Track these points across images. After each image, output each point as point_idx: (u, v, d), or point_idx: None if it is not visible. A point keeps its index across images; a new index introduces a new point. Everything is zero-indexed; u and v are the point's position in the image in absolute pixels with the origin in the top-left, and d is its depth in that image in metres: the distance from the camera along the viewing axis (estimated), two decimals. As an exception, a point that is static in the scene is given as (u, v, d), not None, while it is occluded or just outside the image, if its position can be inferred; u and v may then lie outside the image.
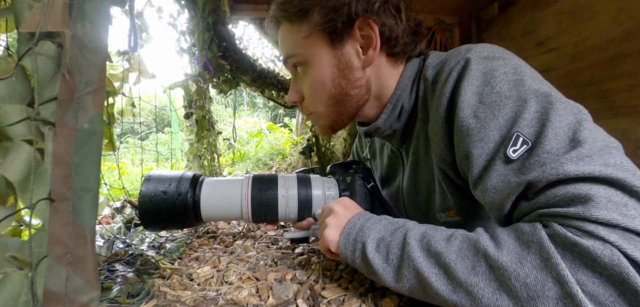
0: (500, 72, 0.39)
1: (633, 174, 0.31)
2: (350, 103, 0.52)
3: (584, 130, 0.34)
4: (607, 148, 0.33)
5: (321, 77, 0.51)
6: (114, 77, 0.71)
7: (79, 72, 0.31)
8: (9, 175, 0.29)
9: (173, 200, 0.54)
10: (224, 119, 3.73)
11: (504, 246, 0.33)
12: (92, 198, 0.32)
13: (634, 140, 1.17)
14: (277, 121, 5.07)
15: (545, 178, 0.33)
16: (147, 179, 0.56)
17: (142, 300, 0.47)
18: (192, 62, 1.34)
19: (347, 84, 0.51)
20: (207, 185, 0.57)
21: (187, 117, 1.32)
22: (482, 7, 1.76)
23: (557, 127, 0.35)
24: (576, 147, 0.33)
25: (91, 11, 0.32)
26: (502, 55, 0.42)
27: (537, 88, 0.38)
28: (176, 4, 1.30)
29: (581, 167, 0.32)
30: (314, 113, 0.55)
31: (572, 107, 0.36)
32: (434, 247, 0.36)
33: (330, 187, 0.59)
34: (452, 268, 0.34)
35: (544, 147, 0.34)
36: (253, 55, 1.74)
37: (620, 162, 0.32)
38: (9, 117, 0.30)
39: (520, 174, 0.35)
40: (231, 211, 0.57)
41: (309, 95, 0.54)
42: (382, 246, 0.41)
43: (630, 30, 1.15)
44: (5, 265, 0.28)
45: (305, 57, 0.51)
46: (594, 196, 0.30)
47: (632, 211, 0.29)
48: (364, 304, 0.44)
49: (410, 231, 0.39)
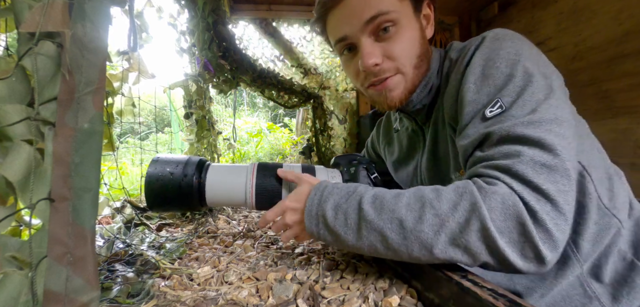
0: (504, 52, 0.47)
1: (567, 145, 0.40)
2: (424, 66, 0.58)
3: (546, 105, 0.42)
4: (556, 120, 0.41)
5: (413, 36, 0.55)
6: (113, 77, 0.71)
7: (79, 72, 0.31)
8: (9, 175, 0.29)
9: (179, 181, 0.55)
10: (224, 119, 3.72)
11: (443, 196, 0.40)
12: (92, 198, 0.32)
13: (634, 140, 1.17)
14: (277, 121, 5.07)
15: (497, 133, 0.43)
16: (154, 161, 0.57)
17: (142, 300, 0.47)
18: (192, 62, 1.34)
19: (425, 46, 0.58)
20: (213, 169, 0.59)
21: (187, 117, 1.32)
22: (482, 7, 1.76)
23: (526, 99, 0.43)
24: (532, 115, 0.41)
25: (91, 11, 0.32)
26: (512, 37, 0.49)
27: (527, 68, 0.45)
28: (176, 4, 1.30)
29: (525, 130, 0.40)
30: (392, 79, 0.56)
31: (547, 88, 0.44)
32: (386, 205, 0.42)
33: (334, 177, 0.59)
34: (403, 220, 0.40)
35: (510, 112, 0.43)
36: (253, 55, 1.74)
37: (562, 133, 0.40)
38: (9, 117, 0.30)
39: (485, 127, 0.45)
40: (235, 197, 0.58)
41: (399, 55, 0.55)
42: (340, 213, 0.45)
43: (630, 30, 1.15)
44: (5, 265, 0.28)
45: (399, 16, 0.53)
46: (523, 153, 0.39)
47: (545, 172, 0.38)
48: (364, 304, 0.44)
49: (363, 196, 0.45)
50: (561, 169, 0.38)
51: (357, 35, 0.54)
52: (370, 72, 0.55)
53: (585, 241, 0.48)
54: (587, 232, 0.48)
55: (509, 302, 0.35)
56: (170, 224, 0.93)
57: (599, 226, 0.49)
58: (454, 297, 0.40)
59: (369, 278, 0.51)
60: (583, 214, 0.48)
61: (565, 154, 0.39)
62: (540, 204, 0.37)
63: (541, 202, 0.37)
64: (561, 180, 0.38)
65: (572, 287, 0.49)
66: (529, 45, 0.49)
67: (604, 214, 0.49)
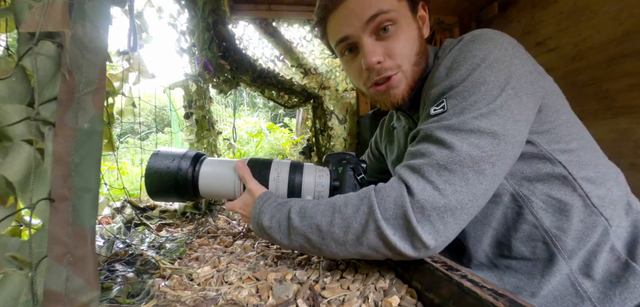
0: (471, 54, 0.48)
1: (483, 156, 0.43)
2: (422, 63, 0.59)
3: (486, 118, 0.44)
4: (490, 133, 0.43)
5: (411, 34, 0.56)
6: (113, 77, 0.71)
7: (79, 72, 0.31)
8: (9, 175, 0.29)
9: (175, 174, 0.61)
10: (224, 119, 3.72)
11: (349, 202, 0.47)
12: (92, 198, 0.32)
13: (634, 140, 1.17)
14: (277, 121, 5.07)
15: (423, 131, 0.47)
16: (154, 154, 0.63)
17: (142, 300, 0.47)
18: (192, 62, 1.34)
19: (423, 44, 0.59)
20: (207, 164, 0.63)
21: (187, 117, 1.32)
22: (482, 7, 1.76)
23: (467, 105, 0.45)
24: (462, 121, 0.44)
25: (91, 11, 0.32)
26: (487, 40, 0.50)
27: (483, 75, 0.46)
28: (176, 4, 1.30)
29: (445, 133, 0.44)
30: (396, 77, 0.57)
31: (496, 99, 0.45)
32: (307, 213, 0.49)
33: (322, 175, 0.61)
34: (319, 225, 0.47)
35: (447, 114, 0.46)
36: (253, 55, 1.74)
37: (483, 145, 0.43)
38: (9, 117, 0.30)
39: (422, 124, 0.49)
40: (225, 190, 0.63)
41: (399, 53, 0.56)
42: (274, 221, 0.53)
43: (630, 30, 1.15)
44: (5, 265, 0.28)
45: (398, 15, 0.55)
46: (433, 154, 0.44)
47: (446, 174, 0.42)
48: (364, 304, 0.44)
49: (292, 208, 0.51)
50: (460, 173, 0.42)
51: (358, 35, 0.55)
52: (373, 70, 0.56)
53: (570, 238, 0.50)
54: (571, 230, 0.50)
55: (509, 302, 0.35)
56: (170, 224, 0.93)
57: (585, 224, 0.50)
58: (454, 297, 0.40)
59: (369, 278, 0.51)
60: (566, 212, 0.51)
61: (473, 163, 0.43)
62: (431, 200, 0.42)
63: (433, 199, 0.42)
64: (458, 182, 0.42)
65: (564, 286, 0.50)
66: (505, 50, 0.49)
67: (591, 212, 0.50)
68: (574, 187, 0.51)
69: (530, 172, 0.52)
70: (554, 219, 0.51)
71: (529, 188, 0.52)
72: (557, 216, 0.51)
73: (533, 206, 0.52)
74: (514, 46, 0.50)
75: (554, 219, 0.51)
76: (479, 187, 0.43)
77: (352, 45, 0.57)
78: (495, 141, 0.44)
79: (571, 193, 0.51)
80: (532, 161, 0.52)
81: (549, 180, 0.51)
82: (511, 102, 0.45)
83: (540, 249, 0.52)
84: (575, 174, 0.50)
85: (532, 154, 0.51)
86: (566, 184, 0.51)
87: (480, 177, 0.43)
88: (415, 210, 0.42)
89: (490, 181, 0.44)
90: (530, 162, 0.52)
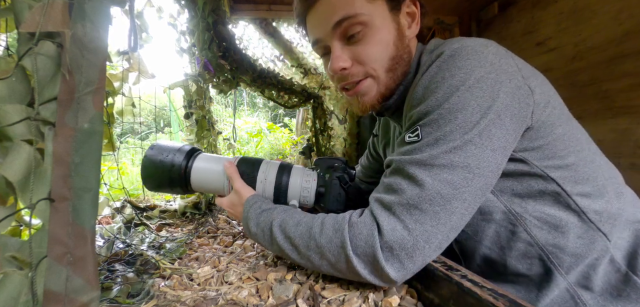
0: (449, 74, 0.45)
1: (455, 194, 0.42)
2: (400, 69, 0.55)
3: (460, 150, 0.42)
4: (464, 167, 0.42)
5: (385, 38, 0.53)
6: (113, 77, 0.71)
7: (79, 72, 0.31)
8: (9, 175, 0.29)
9: (169, 167, 0.63)
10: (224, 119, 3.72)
11: (324, 231, 0.47)
12: (92, 198, 0.32)
13: (634, 140, 1.17)
14: (277, 121, 5.07)
15: (396, 162, 0.46)
16: (151, 147, 0.65)
17: (142, 300, 0.47)
18: (192, 62, 1.34)
19: (402, 47, 0.55)
20: (199, 159, 0.65)
21: (187, 117, 1.32)
22: (482, 7, 1.76)
23: (437, 136, 0.44)
24: (434, 156, 0.43)
25: (91, 11, 0.32)
26: (469, 56, 0.45)
27: (462, 101, 0.43)
28: (176, 4, 1.30)
29: (417, 169, 0.43)
30: (366, 83, 0.55)
31: (472, 129, 0.43)
32: (287, 232, 0.50)
33: (308, 180, 0.61)
34: (297, 246, 0.49)
35: (421, 144, 0.45)
36: (253, 55, 1.73)
37: (456, 182, 0.42)
38: (9, 117, 0.29)
39: (396, 154, 0.48)
40: (215, 185, 0.65)
41: (369, 59, 0.53)
42: (258, 229, 0.54)
43: (630, 30, 1.15)
44: (5, 265, 0.28)
45: (369, 18, 0.52)
46: (404, 192, 0.43)
47: (417, 213, 0.42)
48: (364, 304, 0.44)
49: (274, 220, 0.52)
50: (430, 212, 0.42)
51: (328, 39, 0.54)
52: (339, 77, 0.55)
53: (567, 255, 0.49)
54: (568, 247, 0.49)
55: (509, 302, 0.35)
56: (170, 224, 0.93)
57: (582, 239, 0.49)
58: (454, 297, 0.40)
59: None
60: (561, 229, 0.49)
61: (444, 201, 0.42)
62: (400, 241, 0.42)
63: (402, 239, 0.42)
64: (429, 222, 0.42)
65: (563, 299, 0.49)
66: (489, 66, 0.44)
67: (589, 228, 0.49)
68: (568, 204, 0.49)
69: (521, 189, 0.50)
70: (549, 237, 0.49)
71: (521, 205, 0.50)
72: (552, 233, 0.49)
73: (526, 224, 0.50)
74: (500, 58, 0.46)
75: (550, 237, 0.49)
76: (449, 224, 0.43)
77: (325, 48, 0.56)
78: (468, 175, 0.42)
79: (566, 210, 0.49)
80: (523, 178, 0.49)
81: (542, 197, 0.49)
82: (492, 128, 0.43)
83: (537, 265, 0.50)
84: (569, 190, 0.48)
85: (523, 172, 0.49)
86: (560, 200, 0.49)
87: (451, 215, 0.42)
88: (384, 250, 0.42)
89: (461, 216, 0.43)
90: (521, 180, 0.50)
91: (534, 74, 0.51)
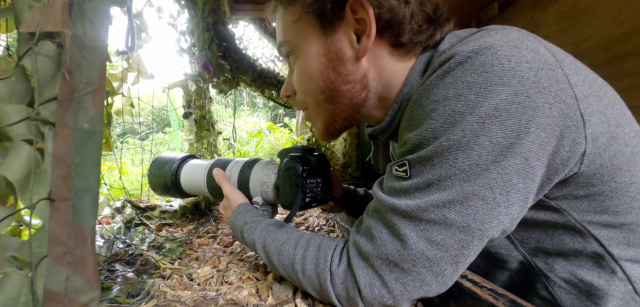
0: (451, 97, 0.32)
1: (443, 256, 0.34)
2: (342, 101, 0.44)
3: (459, 205, 0.32)
4: (442, 224, 0.33)
5: (309, 68, 0.44)
6: (113, 77, 0.71)
7: (79, 72, 0.31)
8: (9, 175, 0.29)
9: (165, 177, 0.73)
10: (224, 119, 3.72)
11: (306, 268, 0.42)
12: (92, 198, 0.32)
13: (634, 140, 1.17)
14: (277, 121, 5.07)
15: (380, 201, 0.38)
16: (154, 160, 0.77)
17: (142, 300, 0.47)
18: (192, 62, 1.34)
19: (338, 78, 0.43)
20: (186, 166, 0.72)
21: (186, 117, 1.32)
22: (482, 7, 1.76)
23: (428, 181, 0.34)
24: (424, 207, 0.34)
25: (91, 11, 0.32)
26: (487, 66, 0.31)
27: (464, 135, 0.31)
28: (176, 4, 1.30)
29: (400, 221, 0.35)
30: (309, 112, 0.50)
31: (475, 178, 0.31)
32: (270, 258, 0.47)
33: (268, 174, 0.59)
34: (281, 272, 0.46)
35: (405, 187, 0.35)
36: (253, 55, 1.74)
37: (447, 244, 0.33)
38: (9, 117, 0.29)
39: (381, 189, 0.39)
40: (199, 188, 0.70)
41: (298, 89, 0.47)
42: (246, 240, 0.52)
43: (631, 30, 1.15)
44: (5, 265, 0.28)
45: (293, 45, 0.45)
46: (385, 245, 0.36)
47: (397, 271, 0.35)
48: (364, 304, 0.44)
49: (256, 242, 0.49)
50: (414, 273, 0.35)
51: None
52: None
53: None
54: None
55: (509, 302, 0.35)
56: (170, 224, 0.93)
57: None
58: (454, 297, 0.40)
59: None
60: (596, 298, 0.37)
61: (430, 264, 0.34)
62: (379, 299, 0.36)
63: (381, 298, 0.36)
64: (412, 283, 0.35)
65: None
66: (518, 85, 0.30)
67: (636, 303, 0.37)
68: (614, 270, 0.37)
69: (550, 245, 0.39)
70: (577, 303, 0.38)
71: (546, 261, 0.40)
72: (582, 300, 0.38)
73: (550, 283, 0.39)
74: (539, 70, 0.30)
75: (578, 303, 0.38)
76: (436, 284, 0.35)
77: None
78: (466, 238, 0.33)
79: (609, 277, 0.37)
80: (555, 231, 0.38)
81: (577, 257, 0.38)
82: (513, 177, 0.31)
83: None
84: (617, 254, 0.36)
85: (555, 224, 0.37)
86: (601, 265, 0.37)
87: (438, 276, 0.35)
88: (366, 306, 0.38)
89: (453, 274, 0.35)
90: (551, 233, 0.38)
91: (596, 86, 0.35)
